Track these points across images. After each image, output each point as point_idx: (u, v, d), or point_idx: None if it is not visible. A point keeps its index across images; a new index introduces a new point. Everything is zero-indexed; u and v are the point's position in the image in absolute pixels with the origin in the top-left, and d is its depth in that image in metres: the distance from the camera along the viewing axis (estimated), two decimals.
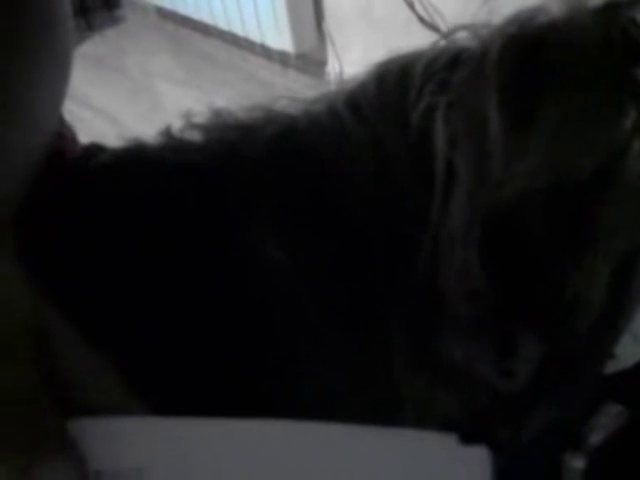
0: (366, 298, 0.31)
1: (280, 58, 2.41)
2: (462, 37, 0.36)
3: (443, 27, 1.77)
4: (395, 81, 0.33)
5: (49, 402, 0.23)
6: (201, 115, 0.38)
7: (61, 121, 0.47)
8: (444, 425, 0.36)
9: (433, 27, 1.73)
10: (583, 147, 0.29)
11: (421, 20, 1.78)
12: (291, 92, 2.32)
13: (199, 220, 0.32)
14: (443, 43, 0.36)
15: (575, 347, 0.36)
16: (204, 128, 0.36)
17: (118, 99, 2.53)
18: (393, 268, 0.31)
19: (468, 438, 0.23)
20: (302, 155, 0.32)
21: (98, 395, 0.25)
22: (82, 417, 0.24)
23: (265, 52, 2.46)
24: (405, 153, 0.31)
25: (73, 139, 0.51)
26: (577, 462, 0.54)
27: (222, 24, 2.56)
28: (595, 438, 0.57)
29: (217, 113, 0.38)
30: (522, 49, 0.30)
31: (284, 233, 0.31)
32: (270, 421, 0.24)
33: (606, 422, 0.58)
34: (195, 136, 0.36)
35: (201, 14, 2.65)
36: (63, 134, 0.47)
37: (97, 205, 0.34)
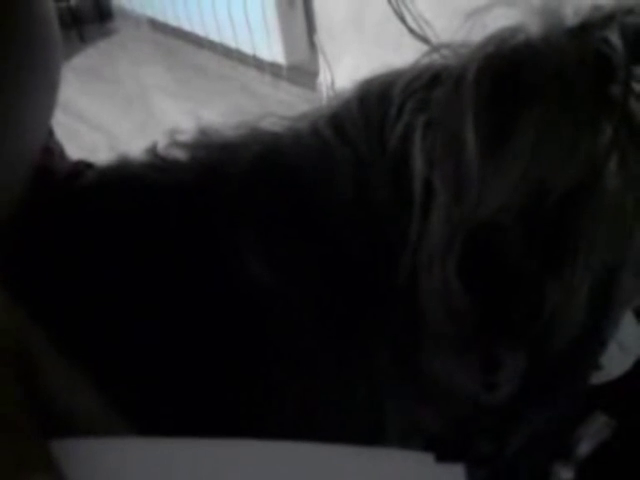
0: (349, 315, 0.31)
1: (272, 69, 2.42)
2: (443, 55, 0.36)
3: (434, 39, 1.78)
4: (376, 100, 0.34)
5: (32, 423, 0.23)
6: (187, 133, 0.38)
7: (50, 135, 0.47)
8: (427, 439, 0.36)
9: (424, 39, 1.74)
10: (559, 165, 0.30)
11: (412, 32, 1.79)
12: (283, 103, 2.33)
13: (183, 240, 0.32)
14: (425, 61, 0.36)
15: (558, 360, 0.36)
16: (189, 146, 0.37)
17: (110, 110, 2.53)
18: (375, 286, 0.31)
19: (445, 456, 0.23)
20: (285, 175, 0.33)
21: (81, 414, 0.25)
22: (65, 437, 0.24)
23: (257, 63, 2.47)
24: (385, 173, 0.31)
25: (61, 154, 0.51)
26: (565, 473, 0.54)
27: (214, 36, 2.58)
28: (583, 449, 0.57)
29: (202, 131, 0.38)
30: (498, 69, 0.31)
31: (268, 252, 0.31)
32: (253, 442, 0.24)
33: (594, 432, 0.58)
34: (180, 154, 0.37)
35: (193, 26, 2.66)
36: (51, 149, 0.47)
37: (82, 225, 0.35)
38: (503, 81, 0.30)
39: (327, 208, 0.31)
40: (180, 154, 0.37)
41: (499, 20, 0.35)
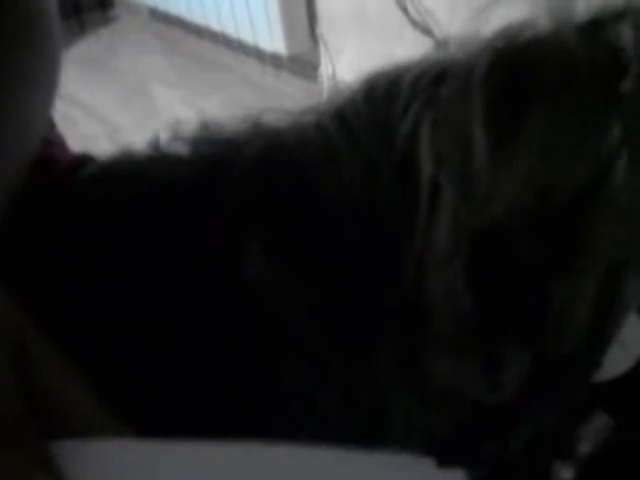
0: (352, 315, 0.31)
1: (273, 60, 2.41)
2: (451, 50, 0.36)
3: (436, 31, 1.77)
4: (382, 96, 0.33)
5: (32, 424, 0.23)
6: (189, 126, 0.38)
7: (51, 127, 0.47)
8: (430, 439, 0.36)
9: (426, 31, 1.73)
10: (568, 163, 0.29)
11: (414, 24, 1.78)
12: (284, 94, 2.32)
13: (184, 236, 0.32)
14: (432, 56, 0.36)
15: (562, 361, 0.36)
16: (191, 141, 0.36)
17: (110, 100, 2.52)
18: (379, 285, 0.31)
19: (446, 458, 0.23)
20: (289, 171, 0.32)
21: (79, 414, 0.25)
22: (65, 439, 0.24)
23: (258, 54, 2.45)
24: (392, 170, 0.30)
25: (63, 146, 0.50)
26: (566, 473, 0.54)
27: (215, 26, 2.56)
28: (584, 448, 0.57)
29: (205, 125, 0.38)
30: (508, 66, 0.30)
31: (269, 250, 0.31)
32: (253, 444, 0.24)
33: (595, 432, 0.58)
34: (182, 149, 0.36)
35: (194, 15, 2.64)
36: (52, 141, 0.46)
37: (83, 218, 0.34)
38: (512, 78, 0.30)
39: (331, 205, 0.31)
40: (182, 148, 0.36)
41: (507, 15, 0.34)
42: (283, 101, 2.26)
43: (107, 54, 2.84)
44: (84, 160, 0.46)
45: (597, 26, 0.31)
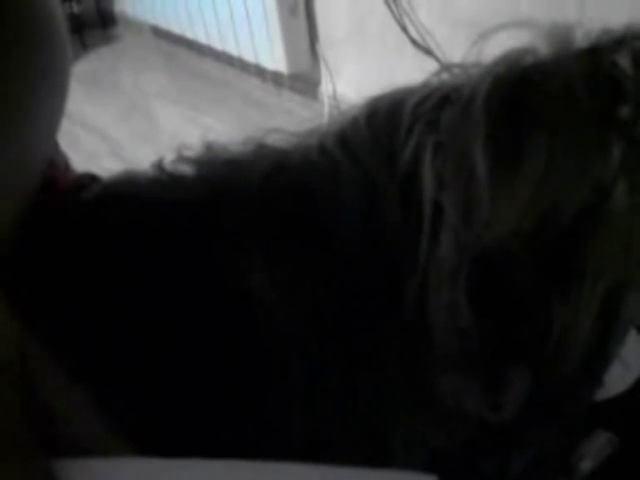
0: (354, 334, 0.31)
1: (274, 78, 2.43)
2: (453, 75, 0.36)
3: (435, 49, 1.78)
4: (385, 119, 0.34)
5: (34, 442, 0.23)
6: (193, 148, 0.38)
7: (55, 148, 0.47)
8: (432, 457, 0.36)
9: (425, 50, 1.75)
10: (568, 190, 0.30)
11: (413, 43, 1.79)
12: (285, 111, 2.33)
13: (187, 257, 0.32)
14: (434, 80, 0.36)
15: (563, 380, 0.36)
16: (195, 162, 0.37)
17: (112, 117, 2.54)
18: (382, 305, 0.31)
19: (449, 476, 0.23)
20: (292, 193, 0.32)
21: (82, 434, 0.25)
22: (67, 456, 0.24)
23: (259, 72, 2.47)
24: (394, 193, 0.31)
25: (66, 166, 0.51)
26: None
27: (216, 44, 2.58)
28: (585, 466, 0.57)
29: (209, 146, 0.38)
30: (509, 91, 0.31)
31: (272, 270, 0.31)
32: (254, 463, 0.24)
33: (596, 449, 0.58)
34: (186, 170, 0.37)
35: (196, 33, 2.67)
36: (56, 162, 0.47)
37: (85, 239, 0.34)
38: (513, 104, 0.30)
39: (334, 227, 0.31)
40: (186, 170, 0.37)
41: (508, 40, 0.35)
42: (284, 118, 2.27)
43: (109, 72, 2.86)
44: (87, 180, 0.47)
45: (596, 53, 0.31)
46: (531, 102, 0.30)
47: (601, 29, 0.32)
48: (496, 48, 0.35)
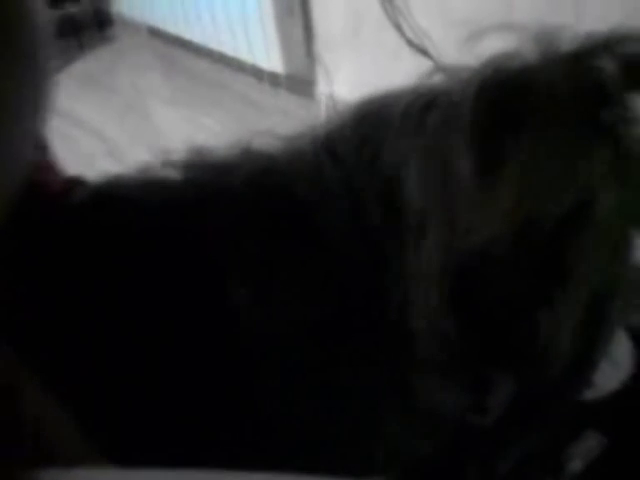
0: (338, 340, 0.31)
1: (270, 78, 2.42)
2: (441, 78, 0.36)
3: (431, 50, 1.78)
4: (372, 123, 0.34)
5: (19, 453, 0.23)
6: (180, 152, 0.38)
7: (43, 150, 0.47)
8: (416, 464, 0.36)
9: (421, 50, 1.74)
10: (552, 194, 0.30)
11: (409, 43, 1.79)
12: (281, 112, 2.33)
13: (172, 262, 0.32)
14: (423, 83, 0.36)
15: (548, 383, 0.36)
16: (182, 166, 0.37)
17: (108, 117, 2.53)
18: (366, 311, 0.31)
19: None
20: (277, 198, 0.33)
21: (64, 445, 0.25)
22: (50, 467, 0.24)
23: (256, 72, 2.47)
24: (378, 198, 0.31)
25: (55, 169, 0.51)
26: None
27: (213, 44, 2.58)
28: (575, 466, 0.57)
29: (196, 151, 0.38)
30: (494, 97, 0.31)
31: (255, 273, 0.31)
32: (237, 474, 0.24)
33: (585, 450, 0.58)
34: (173, 174, 0.37)
35: (192, 34, 2.66)
36: (44, 165, 0.47)
37: (72, 244, 0.35)
38: (497, 109, 0.30)
39: (318, 231, 0.31)
40: (173, 174, 0.37)
41: (497, 34, 0.35)
42: (281, 118, 2.27)
43: (106, 73, 2.85)
44: (76, 184, 0.46)
45: (580, 57, 0.31)
46: (515, 107, 0.30)
47: (586, 33, 0.32)
48: (489, 49, 0.35)
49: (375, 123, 0.33)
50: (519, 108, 0.30)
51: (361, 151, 0.33)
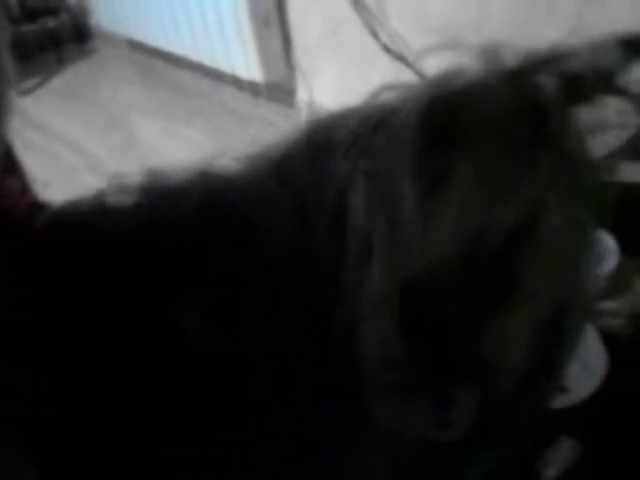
0: (288, 366, 0.31)
1: (250, 88, 2.43)
2: (390, 97, 0.36)
3: (408, 56, 1.79)
4: (320, 146, 0.34)
5: None
6: (134, 176, 0.38)
7: (7, 173, 0.47)
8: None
9: (398, 56, 1.75)
10: (497, 210, 0.30)
11: (386, 49, 1.80)
12: (262, 120, 2.33)
13: (124, 287, 0.32)
14: (372, 103, 0.36)
15: (512, 394, 0.36)
16: (135, 191, 0.37)
17: (89, 131, 2.52)
18: (314, 335, 0.31)
19: None
20: (225, 225, 0.33)
21: None
22: None
23: (235, 82, 2.47)
24: (325, 219, 0.31)
25: (22, 191, 0.50)
26: None
27: (192, 55, 2.58)
28: (550, 473, 0.57)
29: (152, 174, 0.38)
30: (436, 115, 0.31)
31: (204, 299, 0.31)
32: None
33: (560, 457, 0.58)
34: (126, 199, 0.37)
35: (171, 46, 2.66)
36: (7, 188, 0.47)
37: (33, 275, 0.35)
38: (439, 128, 0.30)
39: (265, 258, 0.31)
40: (126, 199, 0.37)
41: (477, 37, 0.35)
42: (262, 127, 2.27)
43: (86, 86, 2.85)
44: (38, 209, 0.46)
45: (521, 75, 0.32)
46: (456, 127, 0.30)
47: (527, 50, 0.33)
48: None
49: (323, 145, 0.34)
50: (459, 129, 0.30)
51: (309, 172, 0.33)
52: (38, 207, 0.48)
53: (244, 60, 2.31)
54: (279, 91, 2.36)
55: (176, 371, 0.31)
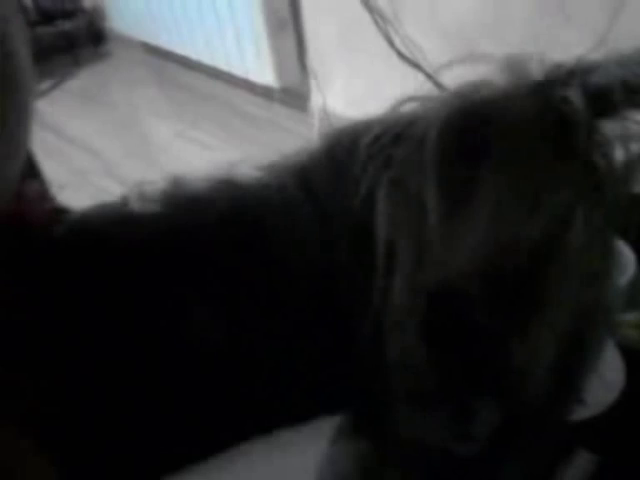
0: (309, 375, 0.31)
1: (264, 92, 2.43)
2: (411, 108, 0.36)
3: (423, 62, 1.79)
4: (342, 155, 0.34)
5: None
6: (156, 185, 0.38)
7: (26, 180, 0.47)
8: None
9: (412, 62, 1.75)
10: (522, 223, 0.30)
11: (400, 56, 1.79)
12: (275, 125, 2.34)
13: (145, 295, 0.32)
14: (393, 114, 0.36)
15: (531, 409, 0.36)
16: (158, 199, 0.37)
17: (103, 133, 2.53)
18: (337, 345, 0.31)
19: None
20: (249, 233, 0.33)
21: None
22: None
23: (249, 86, 2.47)
24: (349, 231, 0.31)
25: (41, 198, 0.50)
26: None
27: (206, 59, 2.59)
28: None
29: (173, 183, 0.38)
30: (461, 128, 0.31)
31: (227, 307, 0.31)
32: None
33: (577, 469, 0.58)
34: (149, 206, 0.37)
35: (186, 49, 2.67)
36: (27, 195, 0.47)
37: (51, 282, 0.35)
38: (464, 141, 0.30)
39: (289, 266, 0.31)
40: (150, 206, 0.37)
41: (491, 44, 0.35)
42: (275, 131, 2.28)
43: (101, 89, 2.86)
44: (60, 213, 0.47)
45: (548, 87, 0.31)
46: (482, 139, 0.30)
47: (553, 63, 0.32)
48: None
49: (346, 156, 0.33)
50: (485, 140, 0.30)
51: (332, 184, 0.33)
52: (59, 212, 0.49)
53: (258, 65, 2.31)
54: (292, 96, 2.36)
55: (179, 372, 0.31)
